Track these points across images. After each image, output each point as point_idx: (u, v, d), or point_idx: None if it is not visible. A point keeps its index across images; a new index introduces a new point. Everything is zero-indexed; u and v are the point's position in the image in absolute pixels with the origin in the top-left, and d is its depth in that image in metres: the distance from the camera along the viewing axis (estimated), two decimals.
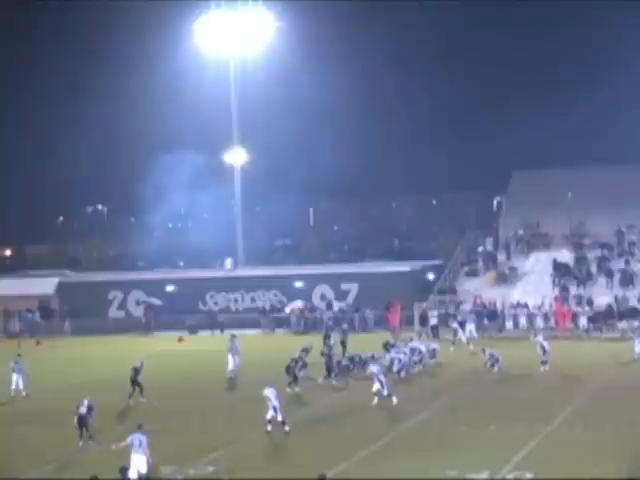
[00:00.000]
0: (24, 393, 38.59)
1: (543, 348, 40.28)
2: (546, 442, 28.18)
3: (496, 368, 39.78)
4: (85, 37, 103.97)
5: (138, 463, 24.80)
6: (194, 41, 67.90)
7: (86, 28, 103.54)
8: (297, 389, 37.36)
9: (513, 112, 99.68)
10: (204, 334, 58.71)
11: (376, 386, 34.39)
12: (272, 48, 68.19)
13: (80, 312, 61.17)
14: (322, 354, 40.41)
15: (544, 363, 40.07)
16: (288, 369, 37.52)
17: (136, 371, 36.35)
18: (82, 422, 29.57)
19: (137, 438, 25.20)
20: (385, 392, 34.18)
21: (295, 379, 37.52)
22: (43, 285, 65.40)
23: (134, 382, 36.21)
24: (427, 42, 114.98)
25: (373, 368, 35.31)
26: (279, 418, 30.30)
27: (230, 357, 41.68)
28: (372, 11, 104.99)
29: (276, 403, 30.36)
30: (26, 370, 39.40)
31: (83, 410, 29.72)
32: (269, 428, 30.36)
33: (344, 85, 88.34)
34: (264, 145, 74.80)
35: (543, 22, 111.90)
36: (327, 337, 43.90)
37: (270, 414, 30.38)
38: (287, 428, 30.18)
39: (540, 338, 41.25)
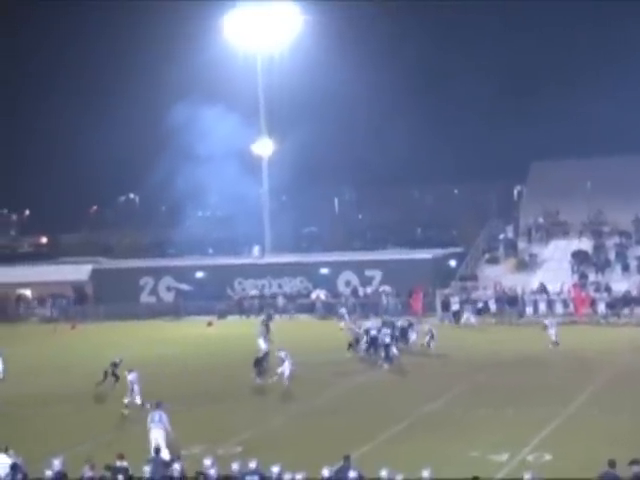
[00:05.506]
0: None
1: (551, 330, 42.70)
2: (565, 424, 28.68)
3: (431, 345, 42.14)
4: (120, 30, 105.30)
5: (156, 436, 26.26)
6: (223, 35, 68.84)
7: (122, 22, 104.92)
8: (259, 381, 36.97)
9: (533, 104, 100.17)
10: (232, 319, 59.46)
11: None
12: (299, 41, 68.97)
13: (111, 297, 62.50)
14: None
15: (554, 344, 42.24)
16: (257, 362, 37.44)
17: (115, 365, 35.77)
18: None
19: (157, 414, 26.84)
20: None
21: (260, 372, 37.30)
22: (77, 272, 65.95)
23: (113, 374, 35.64)
24: (449, 35, 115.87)
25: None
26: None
27: (261, 341, 42.26)
28: (396, 4, 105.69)
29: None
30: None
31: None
32: (275, 379, 35.52)
33: (369, 77, 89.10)
34: (291, 136, 75.72)
35: (567, 12, 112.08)
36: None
37: (281, 370, 35.58)
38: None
39: (550, 321, 43.71)
